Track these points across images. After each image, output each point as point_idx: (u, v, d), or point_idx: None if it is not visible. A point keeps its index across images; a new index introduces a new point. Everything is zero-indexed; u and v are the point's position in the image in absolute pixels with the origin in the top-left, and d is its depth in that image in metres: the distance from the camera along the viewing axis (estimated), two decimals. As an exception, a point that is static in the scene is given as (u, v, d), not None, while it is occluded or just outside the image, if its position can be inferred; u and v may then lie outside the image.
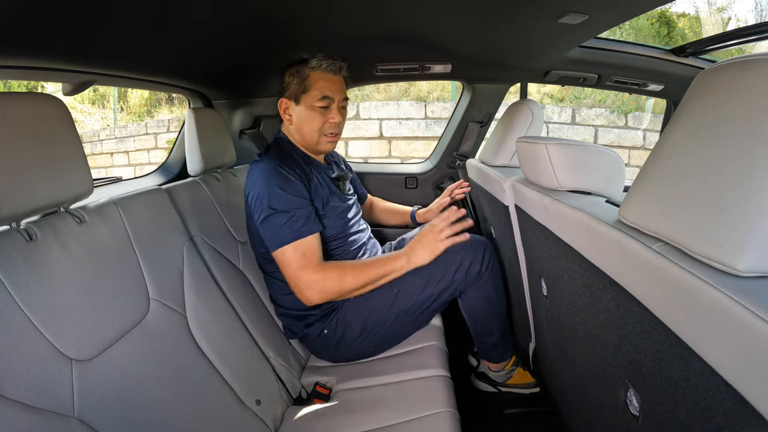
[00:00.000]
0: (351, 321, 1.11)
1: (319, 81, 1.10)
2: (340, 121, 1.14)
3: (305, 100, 1.11)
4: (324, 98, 1.10)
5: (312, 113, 1.11)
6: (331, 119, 1.12)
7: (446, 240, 1.07)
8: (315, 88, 1.09)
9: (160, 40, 0.95)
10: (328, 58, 1.10)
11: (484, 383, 1.38)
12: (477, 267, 1.12)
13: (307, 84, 1.10)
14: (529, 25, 1.07)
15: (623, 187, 0.81)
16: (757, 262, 0.38)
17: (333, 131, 1.15)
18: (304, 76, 1.10)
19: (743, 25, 5.26)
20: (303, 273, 0.99)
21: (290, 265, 0.99)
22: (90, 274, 0.70)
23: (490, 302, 1.18)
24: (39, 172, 0.64)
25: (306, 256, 0.99)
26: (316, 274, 0.99)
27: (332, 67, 1.10)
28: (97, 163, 5.78)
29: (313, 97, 1.10)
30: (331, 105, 1.12)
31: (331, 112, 1.12)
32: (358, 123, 4.77)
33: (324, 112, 1.12)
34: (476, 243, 1.15)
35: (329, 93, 1.11)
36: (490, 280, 1.15)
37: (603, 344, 0.66)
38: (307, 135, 1.14)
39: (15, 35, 0.72)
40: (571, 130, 4.65)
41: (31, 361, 0.56)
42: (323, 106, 1.11)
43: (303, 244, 0.99)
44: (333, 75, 1.11)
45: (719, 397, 0.40)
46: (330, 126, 1.13)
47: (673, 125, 0.50)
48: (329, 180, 1.20)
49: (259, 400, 0.90)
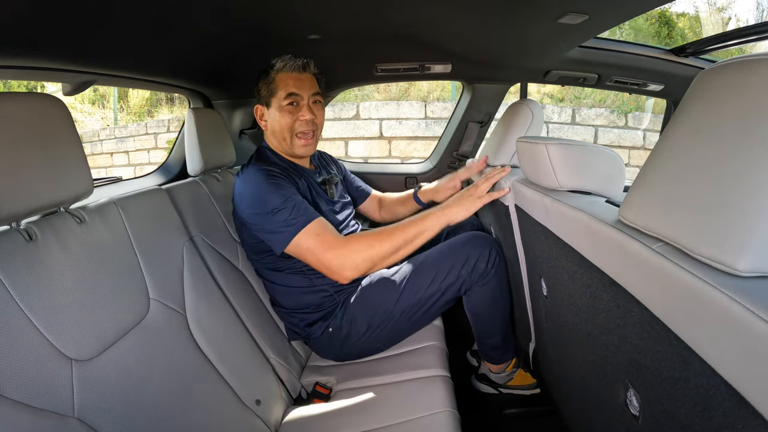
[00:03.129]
0: (357, 317, 1.11)
1: (283, 80, 1.10)
2: (311, 118, 1.12)
3: (274, 103, 1.12)
4: (290, 95, 1.10)
5: (281, 113, 1.11)
6: (301, 116, 1.11)
7: (484, 196, 1.05)
8: (280, 88, 1.10)
9: (160, 40, 0.95)
10: (292, 58, 1.10)
11: (484, 385, 1.38)
12: (483, 264, 1.11)
13: (273, 86, 1.11)
14: (529, 25, 1.07)
15: (623, 187, 0.81)
16: (757, 262, 0.38)
17: (304, 129, 1.12)
18: (271, 80, 1.11)
19: (743, 25, 5.26)
20: (326, 253, 0.96)
21: (311, 252, 0.97)
22: (90, 274, 0.70)
23: (495, 302, 1.18)
24: (39, 172, 0.64)
25: (322, 236, 0.97)
26: (339, 248, 0.96)
27: (295, 65, 1.10)
28: (97, 163, 5.78)
29: (280, 97, 1.10)
30: (300, 102, 1.11)
31: (300, 109, 1.11)
32: (358, 123, 4.77)
33: (293, 110, 1.11)
34: (483, 240, 1.14)
35: (294, 90, 1.10)
36: (495, 278, 1.14)
37: (603, 344, 0.66)
38: (280, 137, 1.14)
39: (15, 35, 0.72)
40: (571, 130, 4.65)
41: (31, 361, 0.56)
42: (290, 103, 1.11)
43: (313, 228, 0.98)
44: (298, 73, 1.11)
45: (719, 397, 0.40)
46: (301, 124, 1.12)
47: (673, 125, 0.50)
48: (316, 184, 1.20)
49: (259, 400, 0.90)
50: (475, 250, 1.12)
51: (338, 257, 0.96)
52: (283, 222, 0.98)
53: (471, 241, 1.14)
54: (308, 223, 0.98)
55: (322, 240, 0.97)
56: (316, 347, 1.18)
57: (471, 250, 1.12)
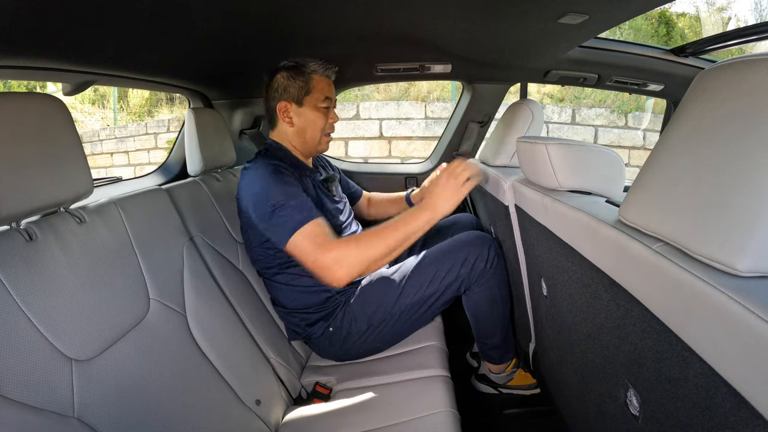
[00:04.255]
0: (357, 316, 1.11)
1: (320, 83, 1.14)
2: (337, 120, 1.21)
3: (308, 102, 1.14)
4: (326, 99, 1.15)
5: (317, 114, 1.15)
6: (331, 119, 1.18)
7: (467, 184, 1.01)
8: (317, 90, 1.13)
9: (160, 40, 0.95)
10: (324, 62, 1.15)
11: (484, 385, 1.38)
12: (482, 263, 1.12)
13: (310, 86, 1.13)
14: (529, 25, 1.07)
15: (623, 187, 0.81)
16: (756, 262, 0.38)
17: (332, 131, 1.20)
18: (307, 79, 1.13)
19: (743, 25, 5.26)
20: (320, 255, 0.95)
21: (306, 252, 0.96)
22: (90, 274, 0.70)
23: (494, 302, 1.18)
24: (39, 172, 0.64)
25: (318, 238, 0.96)
26: (333, 251, 0.95)
27: (329, 71, 1.16)
28: (97, 163, 5.78)
29: (317, 98, 1.14)
30: (331, 106, 1.18)
31: (331, 112, 1.18)
32: (358, 123, 4.77)
33: (326, 112, 1.17)
34: (481, 239, 1.15)
35: (330, 94, 1.16)
36: (494, 278, 1.15)
37: (603, 344, 0.66)
38: (309, 136, 1.17)
39: (15, 35, 0.72)
40: (571, 130, 4.65)
41: (31, 361, 0.56)
42: (326, 107, 1.16)
43: (310, 229, 0.97)
44: (329, 78, 1.17)
45: (719, 397, 0.40)
46: (330, 125, 1.19)
47: (673, 125, 0.50)
48: (319, 183, 1.22)
49: (259, 400, 0.90)
50: (474, 249, 1.12)
51: (331, 258, 0.95)
52: (286, 217, 0.97)
53: (470, 241, 1.14)
54: (308, 221, 0.97)
55: (317, 240, 0.96)
56: (316, 347, 1.18)
57: (470, 249, 1.12)
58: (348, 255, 0.95)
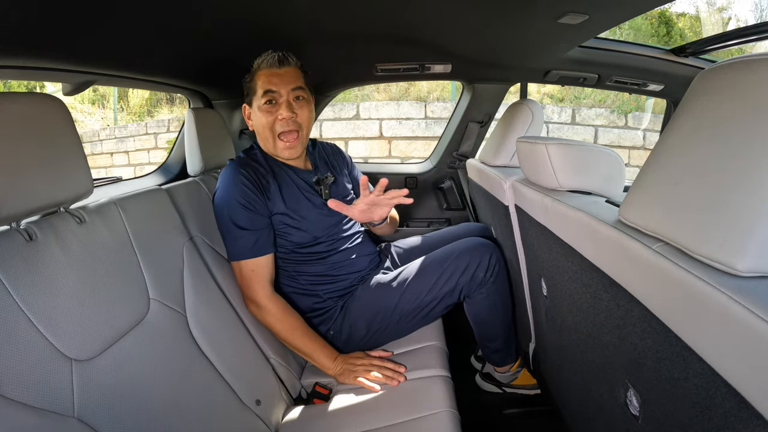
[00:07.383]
0: (356, 321, 1.11)
1: (261, 78, 1.04)
2: (289, 116, 1.03)
3: (254, 102, 1.07)
4: (266, 93, 1.03)
5: (260, 113, 1.06)
6: (279, 116, 1.04)
7: (360, 378, 1.00)
8: (258, 87, 1.05)
9: (160, 40, 0.95)
10: (270, 53, 1.04)
11: (489, 384, 1.38)
12: (482, 272, 1.11)
13: (252, 85, 1.06)
14: (529, 25, 1.07)
15: (623, 187, 0.81)
16: (756, 262, 0.38)
17: (285, 129, 1.05)
18: (252, 77, 1.07)
19: (743, 25, 5.25)
20: (251, 289, 1.03)
21: (243, 278, 1.04)
22: (90, 274, 0.69)
23: (495, 308, 1.17)
24: (39, 172, 0.63)
25: (255, 273, 1.03)
26: (262, 300, 1.03)
27: (272, 60, 1.03)
28: (97, 163, 5.78)
29: (258, 96, 1.05)
30: (278, 100, 1.04)
31: (279, 107, 1.04)
32: (358, 123, 4.77)
33: (271, 108, 1.04)
34: (483, 246, 1.13)
35: (270, 87, 1.03)
36: (494, 286, 1.14)
37: (603, 344, 0.66)
38: (263, 138, 1.09)
39: (15, 35, 0.72)
40: (571, 130, 4.64)
41: (31, 361, 0.56)
42: (268, 101, 1.04)
43: (254, 263, 1.03)
44: (276, 68, 1.04)
45: (719, 397, 0.40)
46: (281, 123, 1.04)
47: (673, 125, 0.50)
48: (307, 185, 1.13)
49: (259, 400, 0.90)
50: (475, 258, 1.11)
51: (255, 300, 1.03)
52: (239, 239, 1.02)
53: (471, 249, 1.13)
54: (255, 256, 1.02)
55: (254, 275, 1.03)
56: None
57: (471, 257, 1.11)
58: (267, 315, 1.03)
